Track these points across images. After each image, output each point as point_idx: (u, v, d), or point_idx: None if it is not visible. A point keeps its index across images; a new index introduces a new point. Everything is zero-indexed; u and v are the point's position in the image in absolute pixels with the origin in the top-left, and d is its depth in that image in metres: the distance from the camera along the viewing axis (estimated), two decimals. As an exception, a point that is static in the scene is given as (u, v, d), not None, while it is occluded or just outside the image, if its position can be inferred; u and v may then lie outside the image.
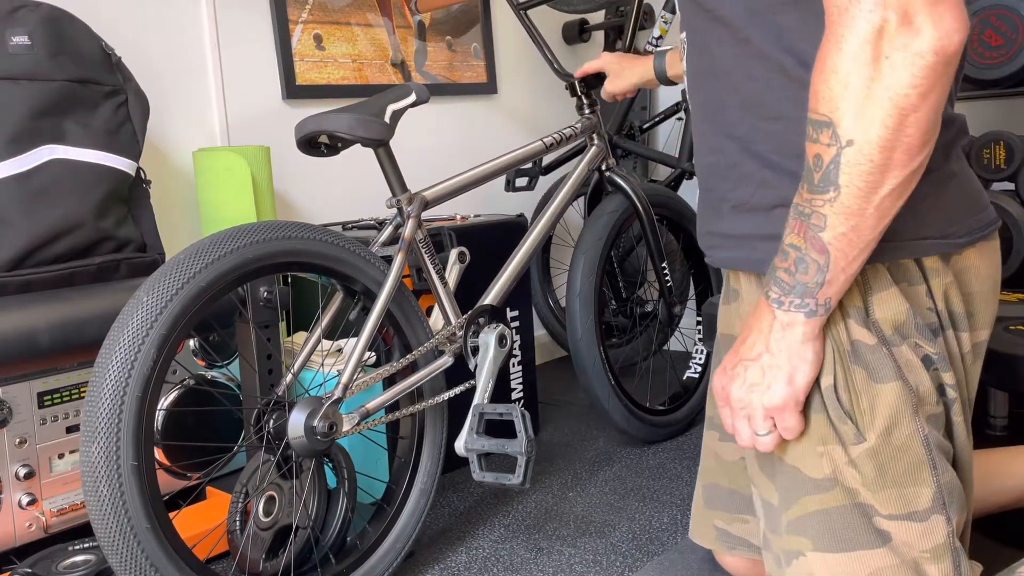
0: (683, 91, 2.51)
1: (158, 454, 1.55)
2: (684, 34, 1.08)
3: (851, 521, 0.92)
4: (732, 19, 0.96)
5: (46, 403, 1.44)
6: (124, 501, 1.09)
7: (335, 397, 1.32)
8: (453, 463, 1.98)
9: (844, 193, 0.81)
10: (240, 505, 1.30)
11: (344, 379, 1.33)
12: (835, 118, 0.79)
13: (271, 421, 1.31)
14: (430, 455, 1.52)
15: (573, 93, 1.99)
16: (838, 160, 0.80)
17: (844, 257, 0.84)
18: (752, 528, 1.20)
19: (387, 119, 1.42)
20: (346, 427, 1.33)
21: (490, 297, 1.63)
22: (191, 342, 1.75)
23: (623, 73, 1.84)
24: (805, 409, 0.93)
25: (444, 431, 1.54)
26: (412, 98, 1.47)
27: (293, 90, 2.21)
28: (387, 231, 1.55)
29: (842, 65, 0.77)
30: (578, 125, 1.93)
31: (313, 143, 1.45)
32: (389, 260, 1.45)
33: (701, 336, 2.20)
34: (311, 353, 1.44)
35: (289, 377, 1.40)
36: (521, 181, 2.24)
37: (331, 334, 1.69)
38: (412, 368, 1.48)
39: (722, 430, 1.23)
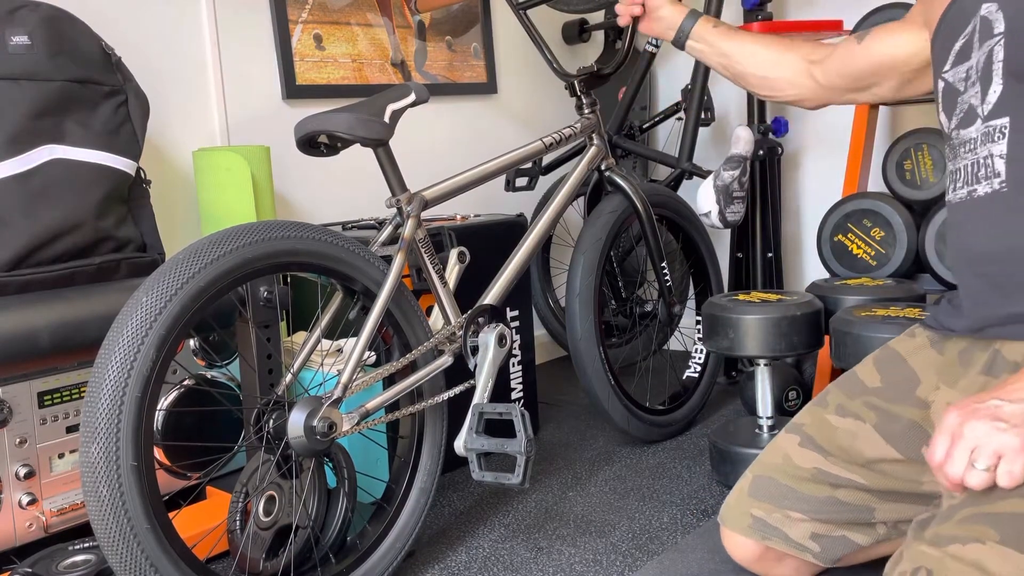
0: (683, 91, 2.51)
1: (158, 454, 1.55)
2: (1004, 119, 1.05)
3: None
4: None
5: (46, 403, 1.44)
6: (124, 501, 1.09)
7: (334, 397, 1.32)
8: (453, 462, 1.98)
9: None
10: (240, 505, 1.30)
11: (344, 379, 1.33)
12: None
13: (271, 421, 1.31)
14: (430, 454, 1.52)
15: (573, 93, 1.99)
16: None
17: None
18: (795, 524, 1.22)
19: (387, 119, 1.42)
20: (345, 427, 1.33)
21: (490, 297, 1.64)
22: (191, 342, 1.75)
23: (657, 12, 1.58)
24: None
25: (444, 430, 1.54)
26: (412, 98, 1.47)
27: (293, 90, 2.21)
28: (387, 231, 1.55)
29: None
30: (578, 125, 1.93)
31: (313, 143, 1.45)
32: (389, 260, 1.45)
33: (701, 336, 2.20)
34: (311, 353, 1.44)
35: (289, 377, 1.40)
36: (521, 181, 2.24)
37: (331, 334, 1.69)
38: (412, 368, 1.48)
39: (805, 436, 1.25)
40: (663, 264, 2.09)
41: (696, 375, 2.24)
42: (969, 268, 1.11)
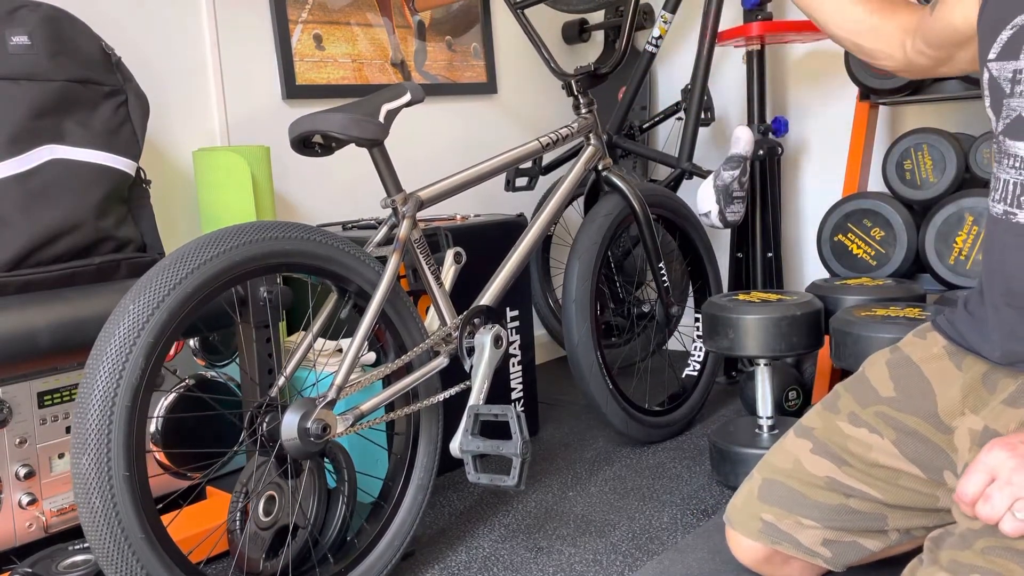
0: (683, 91, 2.50)
1: (157, 454, 1.56)
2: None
3: None
4: None
5: (46, 403, 1.45)
6: (117, 512, 1.07)
7: (328, 399, 1.31)
8: (452, 462, 1.98)
9: None
10: (240, 505, 1.31)
11: (338, 380, 1.33)
12: None
13: (264, 423, 1.31)
14: (426, 451, 1.52)
15: (570, 93, 1.99)
16: None
17: None
18: (806, 530, 1.21)
19: (381, 119, 1.42)
20: (340, 428, 1.33)
21: (486, 298, 1.63)
22: (191, 342, 1.75)
23: None
24: None
25: (440, 427, 1.54)
26: (407, 97, 1.47)
27: (293, 90, 2.21)
28: (382, 231, 1.55)
29: None
30: (575, 125, 1.93)
31: (307, 143, 1.44)
32: (384, 260, 1.46)
33: (700, 335, 2.20)
34: (305, 354, 1.44)
35: (281, 379, 1.40)
36: (521, 181, 2.24)
37: (332, 335, 1.70)
38: (407, 369, 1.48)
39: (817, 442, 1.23)
40: (660, 265, 2.08)
41: (695, 374, 2.23)
42: (1005, 298, 1.07)
